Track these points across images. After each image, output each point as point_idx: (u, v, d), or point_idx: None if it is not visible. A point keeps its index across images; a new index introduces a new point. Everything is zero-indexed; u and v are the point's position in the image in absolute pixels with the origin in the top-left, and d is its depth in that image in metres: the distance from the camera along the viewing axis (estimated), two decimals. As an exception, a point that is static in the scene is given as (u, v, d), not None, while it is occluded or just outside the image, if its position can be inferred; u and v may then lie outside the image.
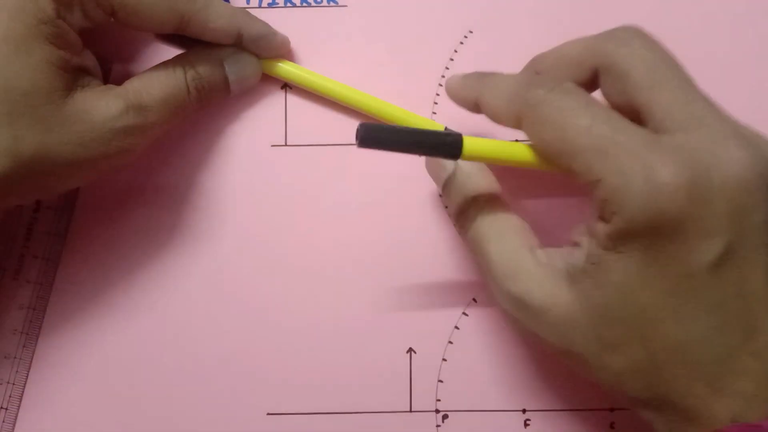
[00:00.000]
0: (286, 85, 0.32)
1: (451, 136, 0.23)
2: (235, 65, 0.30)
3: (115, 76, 0.31)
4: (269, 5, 0.32)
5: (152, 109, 0.27)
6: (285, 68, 0.31)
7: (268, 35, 0.30)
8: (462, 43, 0.32)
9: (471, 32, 0.32)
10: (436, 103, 0.32)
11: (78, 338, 0.31)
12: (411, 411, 0.30)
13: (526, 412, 0.30)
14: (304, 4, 0.32)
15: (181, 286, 0.31)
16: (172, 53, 0.30)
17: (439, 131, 0.24)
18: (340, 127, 0.31)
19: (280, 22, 0.31)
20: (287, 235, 0.31)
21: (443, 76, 0.32)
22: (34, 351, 0.31)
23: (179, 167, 0.31)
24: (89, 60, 0.28)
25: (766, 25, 0.32)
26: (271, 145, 0.32)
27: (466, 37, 0.32)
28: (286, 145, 0.32)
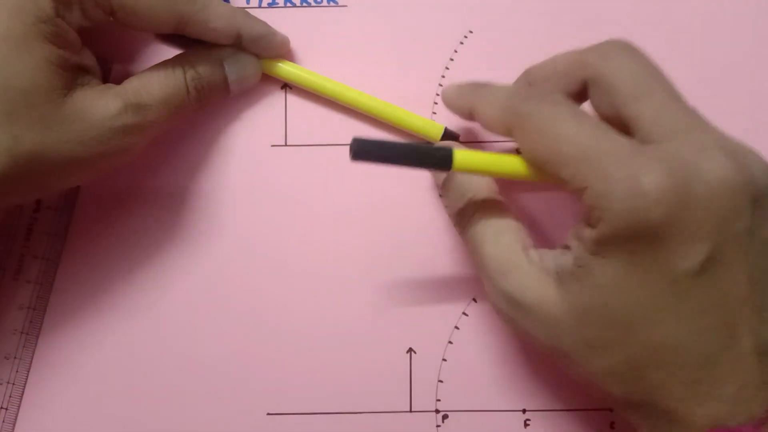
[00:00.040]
0: (286, 85, 0.32)
1: (441, 151, 0.24)
2: (234, 65, 0.30)
3: (115, 76, 0.31)
4: (269, 5, 0.32)
5: (151, 108, 0.27)
6: (285, 68, 0.31)
7: (268, 35, 0.30)
8: (462, 43, 0.32)
9: (471, 32, 0.32)
10: (435, 103, 0.32)
11: (78, 338, 0.31)
12: (411, 411, 0.30)
13: (526, 412, 0.30)
14: (304, 4, 0.32)
15: (181, 286, 0.31)
16: (172, 53, 0.30)
17: (430, 146, 0.25)
18: (340, 127, 0.31)
19: (280, 22, 0.31)
20: (287, 235, 0.31)
21: (443, 76, 0.32)
22: (34, 351, 0.31)
23: (179, 167, 0.31)
24: (88, 59, 0.28)
25: (765, 26, 0.32)
26: (271, 145, 0.32)
27: (466, 37, 0.32)
28: (286, 145, 0.32)
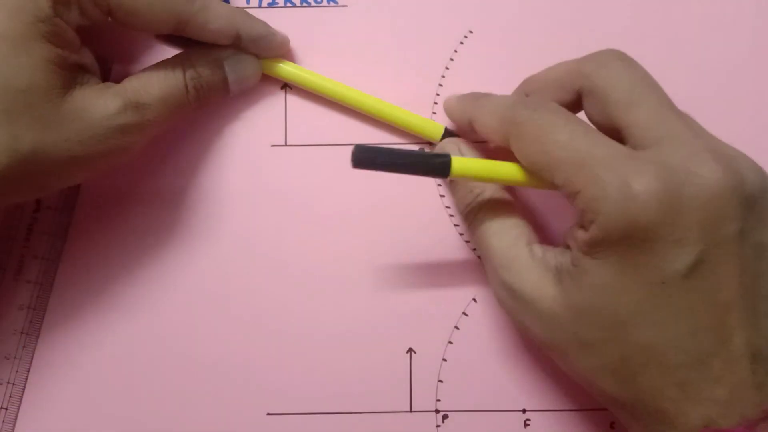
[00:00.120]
0: (286, 85, 0.32)
1: (440, 158, 0.25)
2: (234, 65, 0.30)
3: (115, 76, 0.31)
4: (269, 5, 0.32)
5: (150, 107, 0.27)
6: (285, 68, 0.31)
7: (268, 35, 0.30)
8: (462, 43, 0.32)
9: (471, 32, 0.32)
10: (435, 103, 0.32)
11: (78, 338, 0.31)
12: (411, 411, 0.30)
13: (526, 412, 0.30)
14: (304, 4, 0.32)
15: (181, 286, 0.31)
16: (172, 53, 0.29)
17: (428, 153, 0.26)
18: (340, 128, 0.31)
19: (280, 22, 0.31)
20: (287, 235, 0.31)
21: (443, 76, 0.32)
22: (34, 351, 0.31)
23: (179, 168, 0.31)
24: (87, 58, 0.28)
25: (765, 26, 0.32)
26: (271, 145, 0.32)
27: (466, 37, 0.32)
28: (286, 145, 0.32)
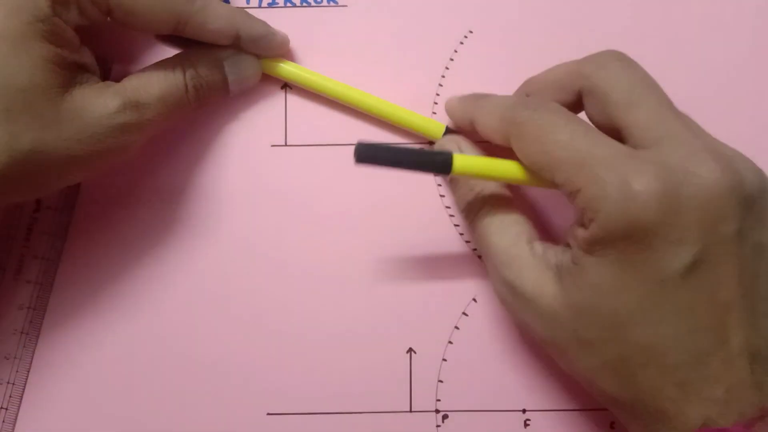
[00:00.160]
0: (286, 85, 0.32)
1: (442, 155, 0.25)
2: (234, 65, 0.30)
3: (115, 76, 0.31)
4: (269, 5, 0.32)
5: (150, 106, 0.27)
6: (285, 68, 0.31)
7: (268, 35, 0.30)
8: (462, 43, 0.32)
9: (471, 32, 0.32)
10: (436, 103, 0.31)
11: (78, 338, 0.31)
12: (411, 411, 0.30)
13: (526, 412, 0.30)
14: (304, 4, 0.32)
15: (181, 287, 0.31)
16: (173, 53, 0.29)
17: (431, 151, 0.26)
18: (340, 128, 0.31)
19: (280, 22, 0.31)
20: (287, 235, 0.31)
21: (443, 76, 0.32)
22: (34, 351, 0.31)
23: (179, 168, 0.31)
24: (87, 57, 0.28)
25: (765, 27, 0.32)
26: (271, 145, 0.32)
27: (466, 37, 0.32)
28: (286, 145, 0.32)
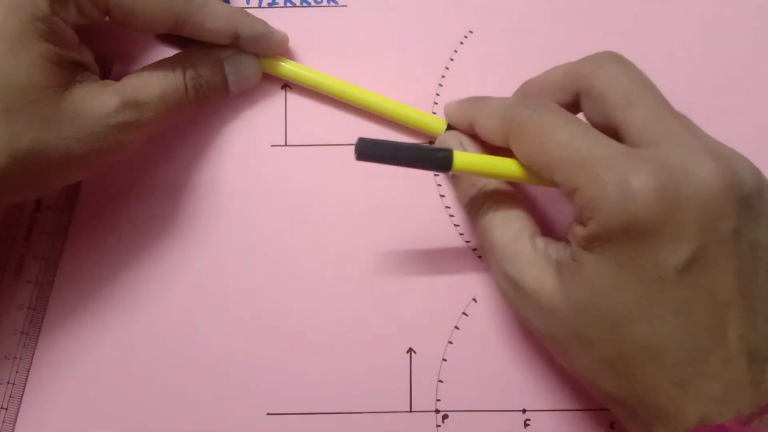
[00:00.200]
0: (287, 85, 0.32)
1: (442, 152, 0.25)
2: (235, 66, 0.30)
3: (115, 76, 0.31)
4: (269, 5, 0.32)
5: (149, 106, 0.27)
6: (286, 67, 0.31)
7: (267, 34, 0.30)
8: (462, 43, 0.32)
9: (471, 32, 0.32)
10: (436, 104, 0.32)
11: (78, 338, 0.31)
12: (411, 411, 0.30)
13: (526, 412, 0.30)
14: (304, 4, 0.32)
15: (181, 287, 0.31)
16: (173, 53, 0.29)
17: (431, 147, 0.26)
18: (341, 127, 0.31)
19: (280, 22, 0.31)
20: (287, 235, 0.31)
21: (443, 76, 0.32)
22: (34, 351, 0.31)
23: (179, 168, 0.31)
24: (86, 56, 0.27)
25: (765, 27, 0.32)
26: (271, 145, 0.32)
27: (466, 37, 0.32)
28: (286, 145, 0.32)
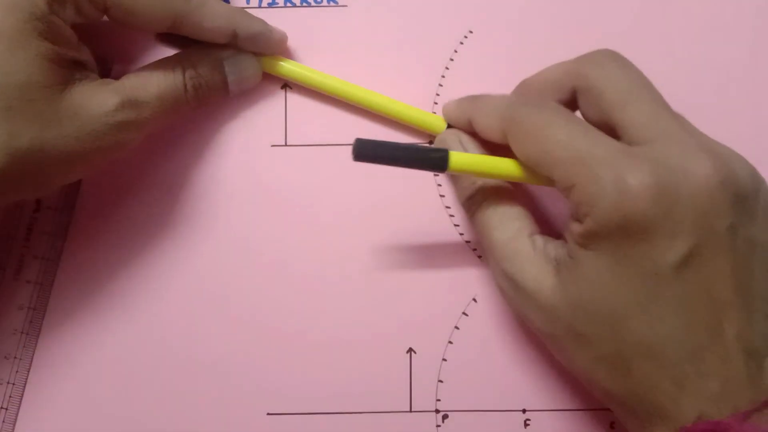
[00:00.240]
0: (286, 85, 0.32)
1: (438, 152, 0.25)
2: (235, 66, 0.29)
3: (115, 76, 0.30)
4: (269, 5, 0.32)
5: (148, 105, 0.27)
6: (286, 66, 0.30)
7: (265, 32, 0.30)
8: (462, 43, 0.32)
9: (471, 32, 0.32)
10: (435, 104, 0.31)
11: (78, 338, 0.31)
12: (411, 411, 0.30)
13: (526, 412, 0.30)
14: (304, 4, 0.32)
15: (181, 287, 0.31)
16: (173, 53, 0.30)
17: (428, 148, 0.26)
18: (341, 127, 0.31)
19: (280, 22, 0.31)
20: (287, 235, 0.31)
21: (443, 76, 0.32)
22: (34, 351, 0.31)
23: (179, 168, 0.31)
24: (85, 54, 0.27)
25: (764, 27, 0.32)
26: (271, 145, 0.32)
27: (466, 37, 0.32)
28: (286, 145, 0.32)
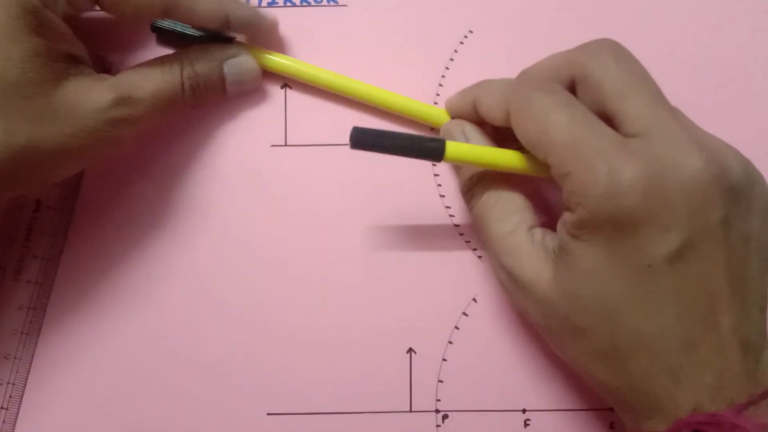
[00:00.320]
0: (286, 85, 0.32)
1: (435, 142, 0.25)
2: (234, 68, 0.29)
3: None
4: (269, 5, 0.32)
5: (143, 102, 0.27)
6: (285, 63, 0.30)
7: (257, 17, 0.29)
8: (462, 43, 0.32)
9: (471, 32, 0.32)
10: (436, 103, 0.31)
11: (78, 338, 0.31)
12: (411, 411, 0.30)
13: (526, 412, 0.30)
14: (304, 4, 0.32)
15: (181, 287, 0.31)
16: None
17: (424, 137, 0.27)
18: (341, 127, 0.31)
19: (280, 21, 0.31)
20: (287, 235, 0.31)
21: (443, 76, 0.32)
22: (34, 351, 0.31)
23: (179, 168, 0.31)
24: (79, 49, 0.27)
25: (764, 27, 0.32)
26: (271, 145, 0.32)
27: (466, 37, 0.32)
28: (286, 145, 0.31)
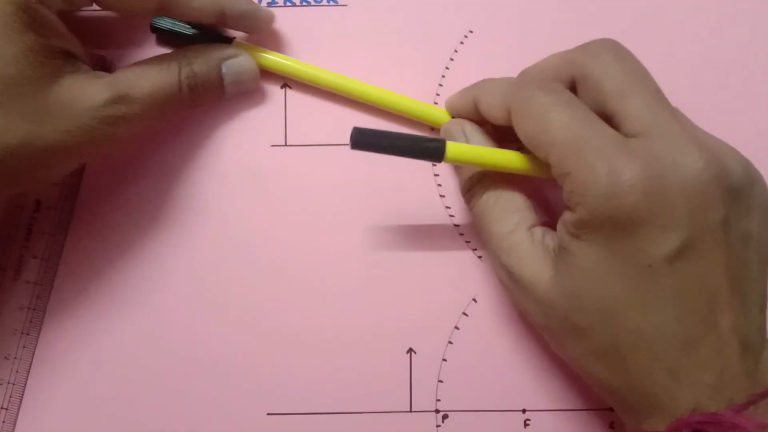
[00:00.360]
0: (286, 85, 0.32)
1: (435, 142, 0.26)
2: (232, 68, 0.29)
3: (114, 76, 0.31)
4: (269, 4, 0.32)
5: (139, 101, 0.27)
6: (286, 63, 0.30)
7: (252, 11, 0.29)
8: (462, 43, 0.32)
9: (471, 32, 0.32)
10: (436, 103, 0.31)
11: (78, 338, 0.31)
12: (411, 411, 0.30)
13: (526, 412, 0.30)
14: (304, 4, 0.32)
15: (181, 287, 0.31)
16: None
17: (424, 137, 0.27)
18: (341, 127, 0.31)
19: (280, 21, 0.31)
20: (287, 235, 0.31)
21: (443, 76, 0.32)
22: (34, 351, 0.31)
23: (179, 169, 0.31)
24: (75, 45, 0.27)
25: (764, 27, 0.32)
26: (271, 145, 0.32)
27: (466, 36, 0.32)
28: (286, 145, 0.31)
